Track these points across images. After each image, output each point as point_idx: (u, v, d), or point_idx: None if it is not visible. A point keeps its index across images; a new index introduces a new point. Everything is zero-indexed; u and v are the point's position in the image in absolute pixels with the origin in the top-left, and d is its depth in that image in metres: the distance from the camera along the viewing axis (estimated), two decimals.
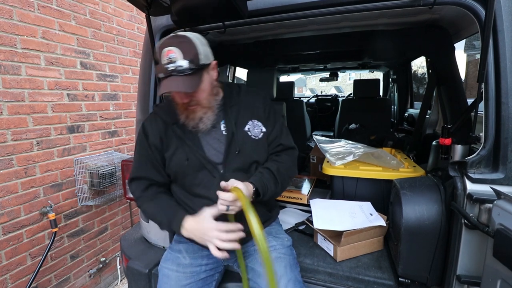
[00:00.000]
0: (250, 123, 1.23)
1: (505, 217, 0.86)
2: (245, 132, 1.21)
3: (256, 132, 1.23)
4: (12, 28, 1.97)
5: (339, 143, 2.08)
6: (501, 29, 1.03)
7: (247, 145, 1.19)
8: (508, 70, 1.02)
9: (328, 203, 1.63)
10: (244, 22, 1.36)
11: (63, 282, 2.45)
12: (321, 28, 1.83)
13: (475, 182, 1.05)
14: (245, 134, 1.21)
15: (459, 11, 1.12)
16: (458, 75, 1.65)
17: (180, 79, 1.01)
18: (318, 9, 1.25)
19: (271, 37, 2.03)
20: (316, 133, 4.01)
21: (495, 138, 1.04)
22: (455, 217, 1.10)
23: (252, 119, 1.24)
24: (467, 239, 1.07)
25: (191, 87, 1.03)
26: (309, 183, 2.17)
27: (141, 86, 1.63)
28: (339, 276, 1.30)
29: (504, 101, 1.01)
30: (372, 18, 1.68)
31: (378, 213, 1.51)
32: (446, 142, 1.24)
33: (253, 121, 1.24)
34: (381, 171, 1.68)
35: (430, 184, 1.26)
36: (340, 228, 1.37)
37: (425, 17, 1.62)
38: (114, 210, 2.96)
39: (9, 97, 1.98)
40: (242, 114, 1.24)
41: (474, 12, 1.07)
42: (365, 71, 4.72)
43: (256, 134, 1.23)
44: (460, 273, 1.09)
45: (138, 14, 3.16)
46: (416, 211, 1.19)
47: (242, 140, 1.19)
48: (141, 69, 1.64)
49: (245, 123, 1.23)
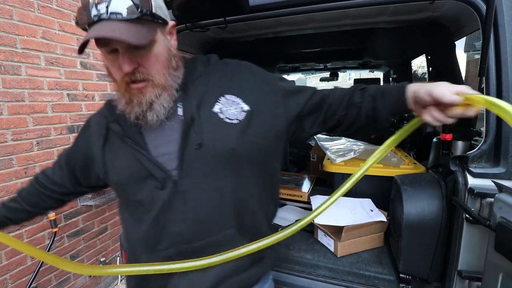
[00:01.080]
0: (223, 100, 0.80)
1: (507, 211, 0.86)
2: (213, 114, 0.78)
3: (233, 113, 0.79)
4: (12, 28, 1.97)
5: (339, 140, 2.08)
6: (502, 24, 1.03)
7: (217, 134, 0.76)
8: (509, 64, 1.02)
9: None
10: (245, 18, 1.36)
11: (63, 282, 2.45)
12: (321, 26, 1.84)
13: (476, 177, 1.05)
14: (214, 117, 0.78)
15: (460, 8, 1.13)
16: (458, 72, 1.65)
17: (120, 25, 0.65)
18: (318, 4, 1.25)
19: (272, 35, 2.04)
20: None
21: (496, 132, 1.04)
22: (456, 212, 1.10)
23: (226, 94, 0.81)
24: (468, 234, 1.06)
25: (137, 37, 0.65)
26: (309, 181, 2.17)
27: None
28: (340, 271, 1.29)
29: (505, 95, 1.01)
30: (373, 15, 1.69)
31: (379, 209, 1.51)
32: (447, 137, 1.25)
33: (227, 97, 0.80)
34: (381, 168, 1.68)
35: (431, 180, 1.26)
36: (341, 223, 1.37)
37: (426, 14, 1.62)
38: (114, 210, 2.95)
39: (9, 97, 1.98)
40: (212, 89, 0.81)
41: (475, 7, 1.08)
42: (365, 71, 4.71)
43: (232, 115, 0.78)
44: (461, 269, 1.09)
45: None
46: (417, 207, 1.19)
47: (207, 127, 0.76)
48: None
49: (215, 101, 0.79)
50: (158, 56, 0.74)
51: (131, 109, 0.76)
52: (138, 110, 0.75)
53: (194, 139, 0.75)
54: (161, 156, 0.77)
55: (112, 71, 0.74)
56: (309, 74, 4.82)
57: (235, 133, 0.77)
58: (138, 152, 0.76)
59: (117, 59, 0.70)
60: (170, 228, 0.77)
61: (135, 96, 0.74)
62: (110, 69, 0.75)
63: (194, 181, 0.76)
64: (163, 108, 0.76)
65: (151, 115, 0.75)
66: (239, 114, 0.79)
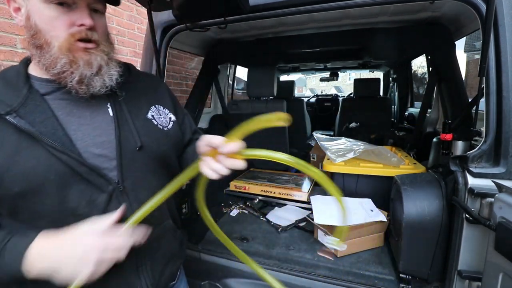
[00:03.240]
0: (154, 109, 0.87)
1: (507, 210, 0.86)
2: (148, 120, 0.84)
3: (164, 121, 0.88)
4: (12, 28, 1.98)
5: (339, 140, 2.08)
6: (502, 24, 1.03)
7: (154, 138, 0.82)
8: (509, 64, 1.02)
9: (328, 199, 1.63)
10: (245, 18, 1.36)
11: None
12: (321, 26, 1.84)
13: (476, 177, 1.05)
14: (149, 123, 0.84)
15: (460, 8, 1.13)
16: (458, 72, 1.66)
17: None
18: (318, 4, 1.25)
19: (272, 35, 2.04)
20: (316, 132, 4.01)
21: (496, 132, 1.04)
22: (456, 212, 1.10)
23: (156, 105, 0.89)
24: (468, 234, 1.06)
25: None
26: (309, 181, 2.17)
27: None
28: (340, 271, 1.29)
29: (505, 95, 1.01)
30: (373, 15, 1.69)
31: (379, 209, 1.51)
32: (447, 137, 1.25)
33: (157, 107, 0.88)
34: (381, 168, 1.68)
35: (431, 180, 1.26)
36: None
37: (426, 14, 1.63)
38: None
39: None
40: (140, 96, 0.86)
41: (475, 7, 1.08)
42: (365, 71, 4.72)
43: (164, 123, 0.88)
44: (461, 269, 1.09)
45: (138, 14, 3.17)
46: (417, 207, 1.19)
47: (143, 131, 0.81)
48: (142, 67, 1.64)
49: (147, 108, 0.86)
50: (106, 25, 0.76)
51: (75, 69, 0.68)
52: (86, 72, 0.69)
53: (133, 141, 0.77)
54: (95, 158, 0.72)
55: (54, 25, 0.66)
56: (309, 74, 4.82)
57: (167, 139, 0.87)
58: (61, 151, 0.66)
59: (66, 12, 0.67)
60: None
61: (82, 56, 0.69)
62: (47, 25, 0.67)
63: (136, 181, 0.77)
64: (110, 79, 0.73)
65: (99, 81, 0.71)
66: (168, 123, 0.89)
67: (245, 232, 1.63)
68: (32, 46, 0.69)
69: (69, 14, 0.67)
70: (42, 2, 0.65)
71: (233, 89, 3.54)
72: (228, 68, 3.13)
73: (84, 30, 0.68)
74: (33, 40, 0.68)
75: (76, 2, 0.67)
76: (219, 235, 0.88)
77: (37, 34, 0.68)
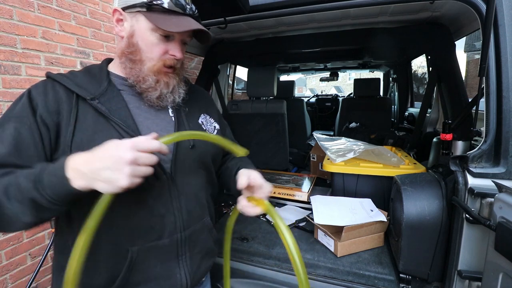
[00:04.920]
0: (203, 116, 1.01)
1: (507, 210, 0.86)
2: (199, 124, 0.98)
3: (210, 128, 1.01)
4: (12, 28, 1.97)
5: (339, 140, 2.08)
6: (502, 24, 1.03)
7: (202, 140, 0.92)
8: (509, 64, 1.02)
9: (328, 199, 1.63)
10: (245, 18, 1.36)
11: None
12: (321, 26, 1.84)
13: (476, 177, 1.05)
14: (200, 127, 0.98)
15: (460, 8, 1.13)
16: (458, 72, 1.65)
17: (196, 19, 0.85)
18: (318, 4, 1.25)
19: (272, 35, 2.04)
20: (316, 132, 4.01)
21: (496, 132, 1.04)
22: (456, 212, 1.10)
23: (204, 113, 1.03)
24: (468, 234, 1.06)
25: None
26: (309, 181, 2.17)
27: None
28: (340, 271, 1.29)
29: (505, 95, 1.02)
30: (373, 15, 1.69)
31: (379, 209, 1.51)
32: (447, 137, 1.24)
33: (205, 116, 1.02)
34: (381, 168, 1.68)
35: (431, 180, 1.26)
36: (341, 223, 1.37)
37: (426, 14, 1.62)
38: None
39: (9, 97, 1.98)
40: (193, 104, 1.00)
41: (475, 7, 1.08)
42: (365, 71, 4.72)
43: (210, 130, 1.01)
44: (461, 269, 1.09)
45: None
46: (417, 207, 1.19)
47: None
48: None
49: (198, 115, 1.00)
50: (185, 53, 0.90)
51: (156, 88, 0.84)
52: (164, 91, 0.85)
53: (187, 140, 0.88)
54: None
55: (152, 50, 0.82)
56: (309, 74, 4.83)
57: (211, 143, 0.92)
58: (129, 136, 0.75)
59: (164, 42, 0.82)
60: (167, 218, 0.83)
61: (164, 78, 0.85)
62: (147, 47, 0.82)
63: (184, 176, 0.87)
64: (179, 96, 0.89)
65: (171, 97, 0.87)
66: (213, 131, 1.02)
67: (245, 232, 1.63)
68: (126, 58, 0.84)
69: (166, 43, 0.83)
70: (149, 29, 0.80)
71: (233, 89, 3.54)
72: (228, 68, 3.13)
73: (173, 60, 0.85)
74: (130, 54, 0.83)
75: (174, 36, 0.83)
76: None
77: (136, 52, 0.82)
